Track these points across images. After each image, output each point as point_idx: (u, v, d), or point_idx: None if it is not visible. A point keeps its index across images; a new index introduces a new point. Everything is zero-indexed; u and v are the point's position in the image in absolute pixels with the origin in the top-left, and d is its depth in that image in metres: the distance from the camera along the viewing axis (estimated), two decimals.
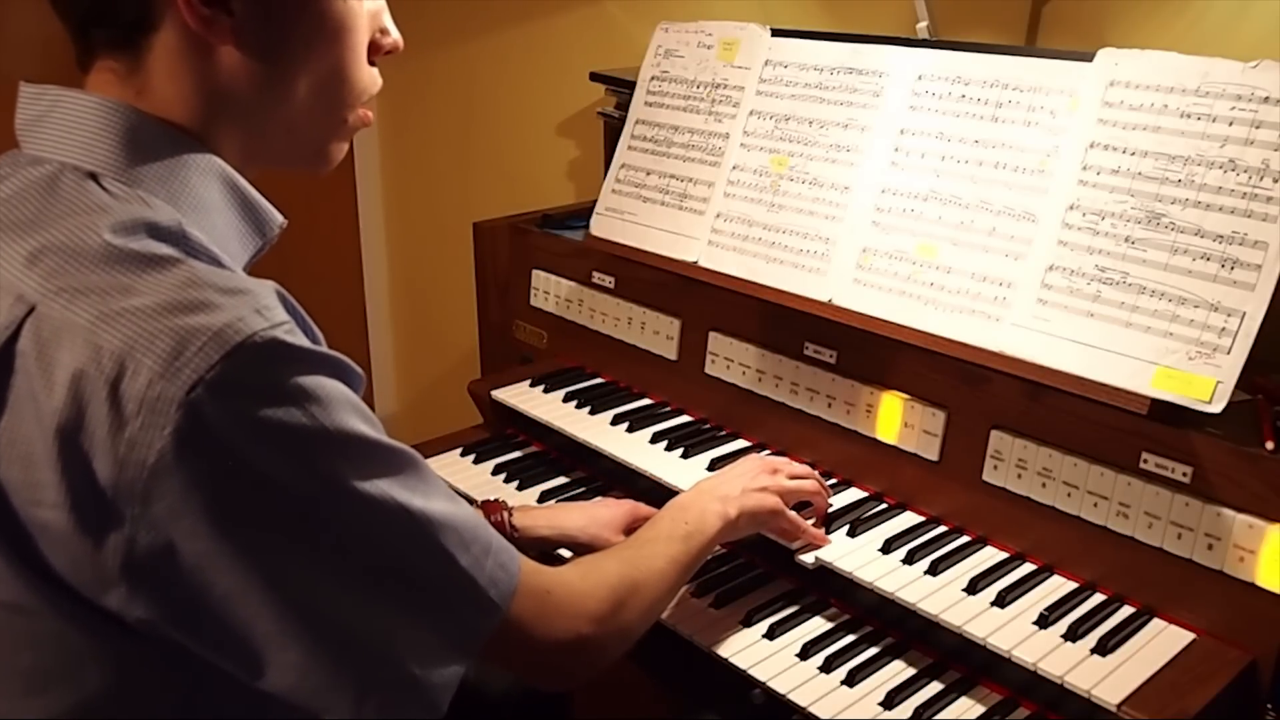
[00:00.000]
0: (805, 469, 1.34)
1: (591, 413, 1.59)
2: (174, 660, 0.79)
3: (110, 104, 0.84)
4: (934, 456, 1.32)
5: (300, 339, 0.79)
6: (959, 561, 1.24)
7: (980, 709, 1.14)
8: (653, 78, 1.64)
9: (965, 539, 1.29)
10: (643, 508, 1.36)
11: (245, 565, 0.75)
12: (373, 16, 0.94)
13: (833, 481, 1.41)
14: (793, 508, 1.28)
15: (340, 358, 0.82)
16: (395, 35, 0.96)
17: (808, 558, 1.26)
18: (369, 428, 0.81)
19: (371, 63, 0.95)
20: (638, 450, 1.49)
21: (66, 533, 0.74)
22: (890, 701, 1.14)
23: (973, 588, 1.19)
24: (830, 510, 1.33)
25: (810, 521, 1.29)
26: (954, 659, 1.20)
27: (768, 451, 1.48)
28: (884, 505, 1.36)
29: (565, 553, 1.40)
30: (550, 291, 1.77)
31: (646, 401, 1.63)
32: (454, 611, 0.85)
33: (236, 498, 0.75)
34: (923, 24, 1.57)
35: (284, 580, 0.77)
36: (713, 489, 1.24)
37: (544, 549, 1.35)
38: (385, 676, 0.81)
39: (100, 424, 0.73)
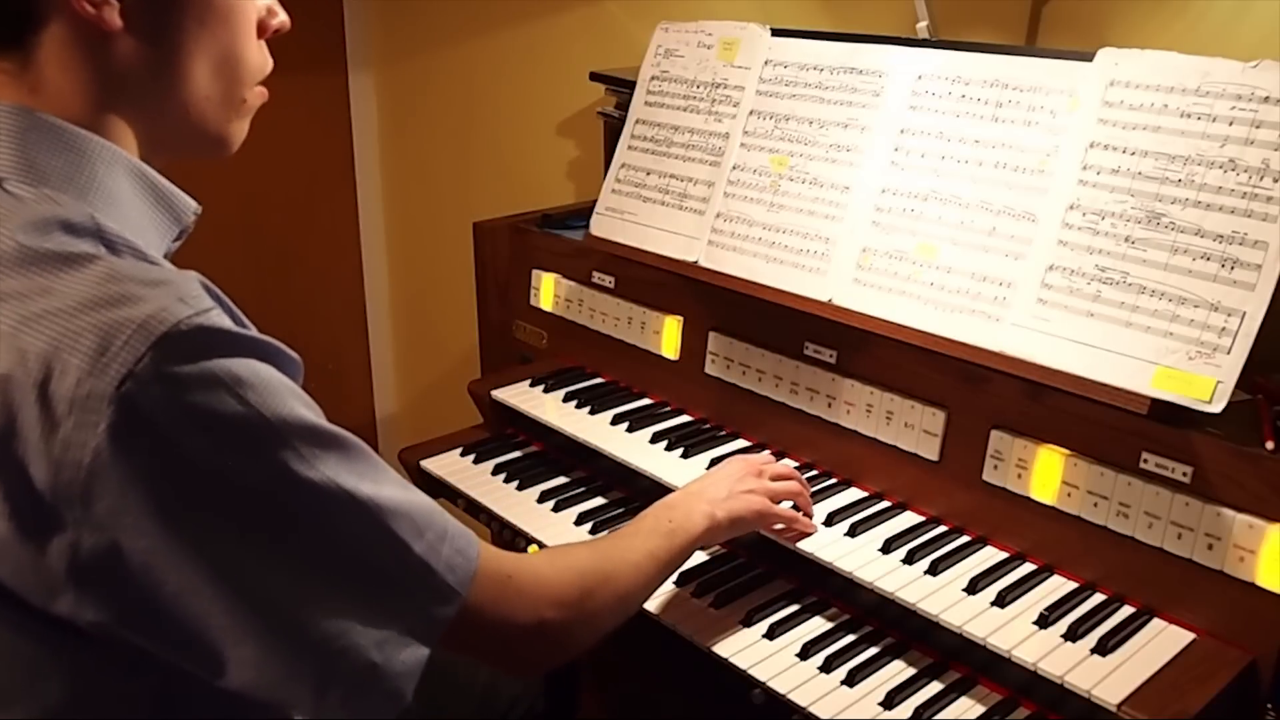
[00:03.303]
0: (788, 469, 1.35)
1: (591, 413, 1.59)
2: (135, 665, 0.78)
3: (4, 108, 0.83)
4: (934, 456, 1.31)
5: (227, 322, 0.77)
6: (959, 561, 1.24)
7: (980, 709, 1.14)
8: (653, 78, 1.64)
9: (965, 539, 1.29)
10: None
11: (193, 559, 0.74)
12: None
13: (833, 481, 1.41)
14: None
15: (272, 342, 0.81)
16: (283, 16, 0.96)
17: (804, 545, 1.26)
18: (308, 412, 0.80)
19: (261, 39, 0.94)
20: (638, 450, 1.49)
21: (7, 542, 0.73)
22: (890, 701, 1.14)
23: (973, 588, 1.19)
24: (829, 511, 1.32)
25: None
26: (954, 659, 1.20)
27: (767, 451, 1.48)
28: (884, 505, 1.36)
29: (532, 550, 1.41)
30: (550, 291, 1.77)
31: (646, 401, 1.63)
32: (410, 599, 0.84)
33: (177, 490, 0.74)
34: (923, 24, 1.57)
35: (233, 572, 0.76)
36: (700, 491, 1.24)
37: None
38: (344, 667, 0.80)
39: (32, 428, 0.72)
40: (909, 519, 1.33)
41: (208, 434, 0.74)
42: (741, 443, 1.51)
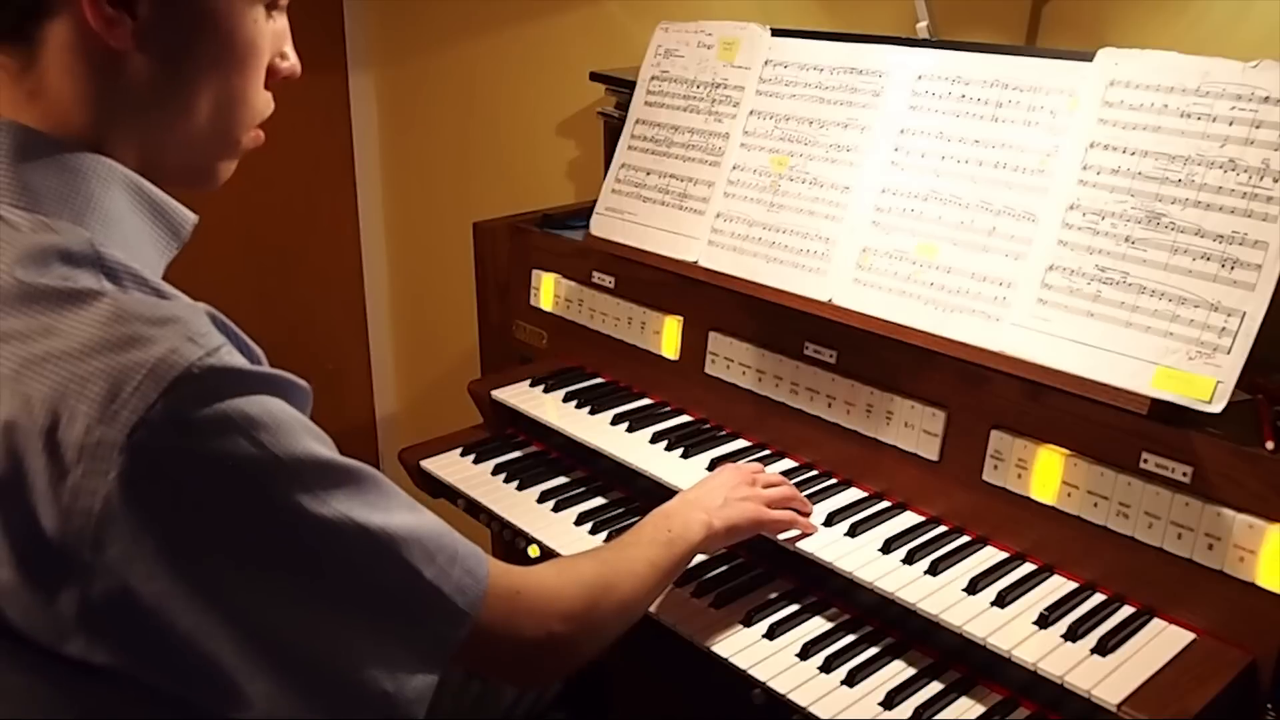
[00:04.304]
0: (779, 477, 1.35)
1: (591, 413, 1.59)
2: (148, 701, 0.77)
3: None
4: (934, 456, 1.31)
5: (239, 360, 0.76)
6: (959, 561, 1.24)
7: (980, 709, 1.14)
8: (653, 78, 1.64)
9: (965, 539, 1.29)
10: None
11: (205, 602, 0.74)
12: (275, 39, 0.91)
13: (833, 482, 1.41)
14: None
15: (283, 375, 0.80)
16: (294, 61, 0.94)
17: (804, 545, 1.27)
18: (320, 447, 0.79)
19: (268, 86, 0.92)
20: (638, 450, 1.49)
21: (16, 588, 0.72)
22: (890, 701, 1.14)
23: (973, 588, 1.19)
24: (829, 511, 1.32)
25: None
26: (954, 659, 1.20)
27: (768, 451, 1.48)
28: (884, 505, 1.36)
29: (533, 551, 1.41)
30: (550, 291, 1.77)
31: (646, 401, 1.63)
32: (422, 625, 0.84)
33: (190, 535, 0.73)
34: (923, 24, 1.57)
35: (246, 612, 0.75)
36: (697, 500, 1.25)
37: None
38: (358, 697, 0.80)
39: (39, 476, 0.71)
40: (909, 519, 1.33)
41: (221, 477, 0.73)
42: (741, 443, 1.51)
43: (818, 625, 1.26)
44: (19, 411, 0.71)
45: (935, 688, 1.17)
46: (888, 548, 1.26)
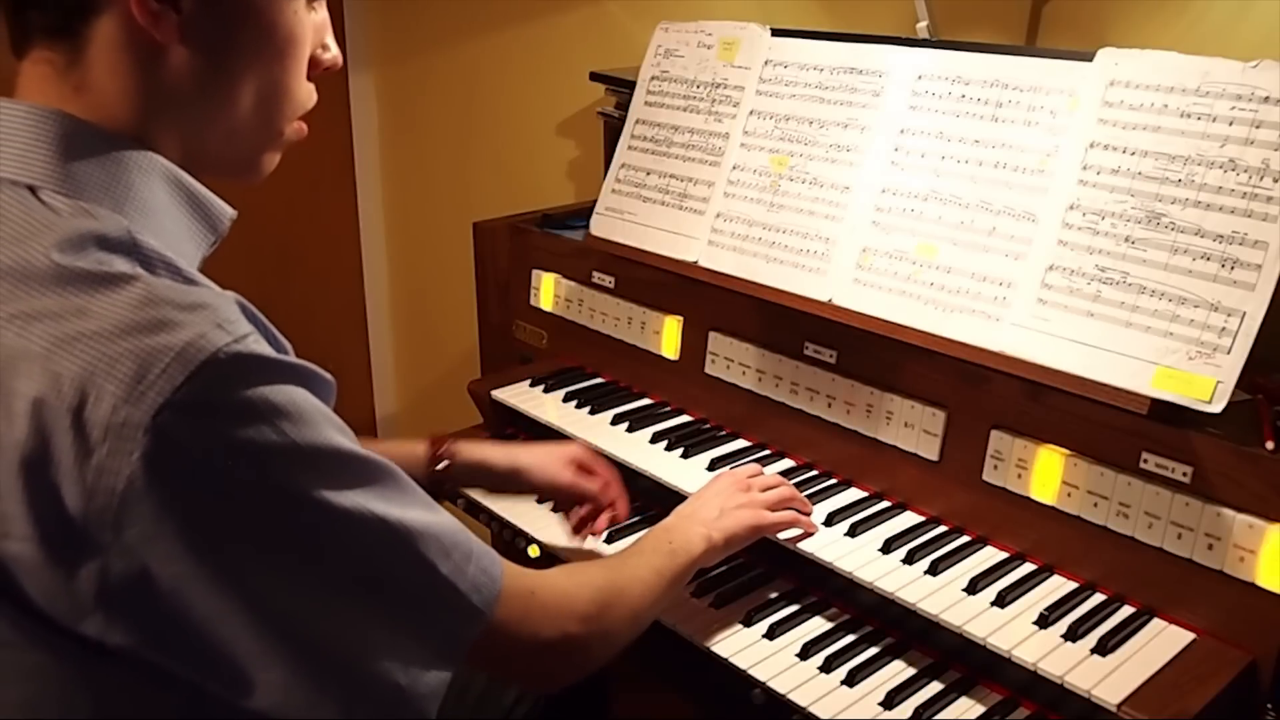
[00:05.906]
0: (776, 478, 1.34)
1: (591, 413, 1.59)
2: (162, 685, 0.78)
3: (41, 111, 0.82)
4: (934, 456, 1.31)
5: (265, 348, 0.77)
6: (959, 561, 1.24)
7: (980, 709, 1.14)
8: (653, 78, 1.64)
9: (965, 539, 1.29)
10: (585, 452, 1.40)
11: (222, 587, 0.74)
12: (316, 31, 0.93)
13: (833, 481, 1.41)
14: None
15: (308, 366, 0.81)
16: (335, 52, 0.96)
17: (804, 545, 1.27)
18: (342, 438, 0.80)
19: (310, 78, 0.94)
20: (638, 450, 1.49)
21: (38, 564, 0.73)
22: (890, 701, 1.14)
23: (973, 588, 1.19)
24: (829, 511, 1.32)
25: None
26: (954, 659, 1.20)
27: (767, 451, 1.48)
28: (884, 505, 1.36)
29: (532, 551, 1.41)
30: (550, 291, 1.77)
31: (646, 401, 1.63)
32: (437, 620, 0.84)
33: (210, 519, 0.74)
34: (923, 24, 1.57)
35: (263, 600, 0.76)
36: (693, 514, 1.25)
37: (493, 483, 1.41)
38: (371, 689, 0.80)
39: (65, 453, 0.71)
40: (909, 519, 1.33)
41: (243, 464, 0.74)
42: (741, 443, 1.51)
43: (818, 625, 1.26)
44: (48, 389, 0.72)
45: (935, 688, 1.17)
46: (888, 548, 1.26)
